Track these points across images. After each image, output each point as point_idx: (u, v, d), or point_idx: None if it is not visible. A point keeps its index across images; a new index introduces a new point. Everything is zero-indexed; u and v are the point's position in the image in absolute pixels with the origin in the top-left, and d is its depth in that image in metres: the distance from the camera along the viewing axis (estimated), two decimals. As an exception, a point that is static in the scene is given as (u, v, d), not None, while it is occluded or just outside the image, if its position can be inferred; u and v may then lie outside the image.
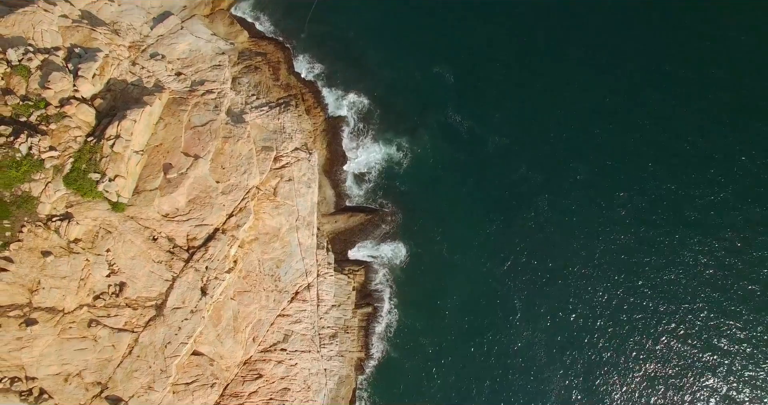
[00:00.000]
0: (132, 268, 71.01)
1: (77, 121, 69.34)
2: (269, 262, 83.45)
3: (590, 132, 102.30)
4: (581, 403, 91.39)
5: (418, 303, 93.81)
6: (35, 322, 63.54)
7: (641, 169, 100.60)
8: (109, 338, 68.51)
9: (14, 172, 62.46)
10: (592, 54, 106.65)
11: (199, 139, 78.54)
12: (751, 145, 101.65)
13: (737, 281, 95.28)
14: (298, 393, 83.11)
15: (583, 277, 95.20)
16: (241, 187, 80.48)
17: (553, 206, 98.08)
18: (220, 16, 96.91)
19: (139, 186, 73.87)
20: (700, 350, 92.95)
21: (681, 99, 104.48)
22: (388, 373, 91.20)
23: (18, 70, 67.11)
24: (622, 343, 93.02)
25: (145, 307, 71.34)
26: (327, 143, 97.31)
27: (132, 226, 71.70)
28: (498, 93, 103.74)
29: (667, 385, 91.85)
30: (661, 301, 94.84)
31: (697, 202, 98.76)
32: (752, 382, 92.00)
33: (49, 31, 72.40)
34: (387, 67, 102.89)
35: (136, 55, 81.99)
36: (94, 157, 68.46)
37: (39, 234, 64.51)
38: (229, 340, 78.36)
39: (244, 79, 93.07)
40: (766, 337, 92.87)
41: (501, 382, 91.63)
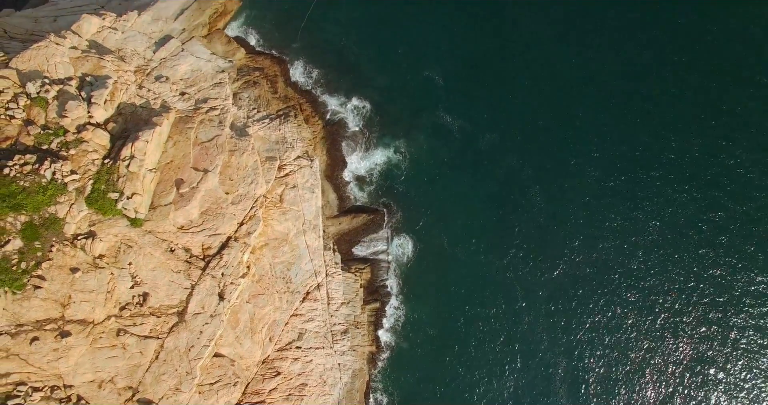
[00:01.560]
0: (153, 279, 73.40)
1: (94, 145, 71.72)
2: (280, 266, 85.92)
3: (576, 124, 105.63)
4: (583, 381, 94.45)
5: (424, 295, 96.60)
6: (69, 334, 65.83)
7: (629, 156, 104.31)
8: (137, 345, 70.84)
9: (41, 197, 64.87)
10: (574, 51, 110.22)
11: (207, 154, 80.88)
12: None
13: (737, 269, 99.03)
14: (315, 387, 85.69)
15: (580, 262, 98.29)
16: (249, 197, 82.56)
17: (546, 196, 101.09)
18: (217, 35, 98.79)
19: (155, 202, 76.10)
20: (697, 329, 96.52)
21: (666, 93, 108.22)
22: (399, 364, 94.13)
23: (37, 101, 69.54)
24: (621, 324, 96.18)
25: (167, 314, 73.79)
26: (326, 150, 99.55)
27: (150, 239, 74.09)
28: (485, 92, 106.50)
29: (666, 365, 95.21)
30: (657, 281, 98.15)
31: (690, 191, 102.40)
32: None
33: (61, 63, 74.67)
34: (379, 73, 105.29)
35: (141, 78, 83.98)
36: (111, 177, 70.87)
37: (67, 252, 66.86)
38: (248, 341, 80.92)
39: (245, 94, 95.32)
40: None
41: (507, 366, 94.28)
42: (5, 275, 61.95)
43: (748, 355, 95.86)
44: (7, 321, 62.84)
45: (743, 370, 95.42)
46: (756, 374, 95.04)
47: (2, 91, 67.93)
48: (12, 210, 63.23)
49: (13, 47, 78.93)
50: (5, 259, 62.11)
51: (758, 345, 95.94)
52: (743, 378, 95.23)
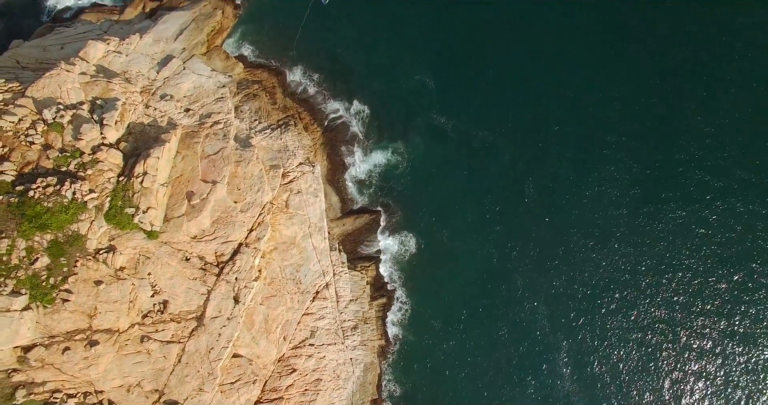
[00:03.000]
0: (172, 287, 76.35)
1: (109, 165, 74.64)
2: (289, 268, 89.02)
3: (564, 118, 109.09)
4: (586, 362, 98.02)
5: (428, 289, 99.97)
6: (97, 343, 68.86)
7: (618, 146, 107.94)
8: (160, 350, 73.83)
9: (64, 216, 67.84)
10: (560, 49, 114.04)
11: (214, 166, 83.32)
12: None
13: (734, 248, 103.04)
14: (329, 382, 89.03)
15: (576, 249, 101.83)
16: (256, 204, 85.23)
17: (539, 188, 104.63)
18: (216, 52, 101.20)
19: (168, 214, 78.88)
20: (696, 306, 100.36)
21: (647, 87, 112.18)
22: (408, 356, 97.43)
23: (53, 127, 72.57)
24: (621, 307, 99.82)
25: (187, 319, 76.77)
26: (327, 155, 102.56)
27: (167, 250, 77.00)
28: (475, 93, 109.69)
29: (665, 346, 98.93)
30: (653, 263, 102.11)
31: (684, 177, 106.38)
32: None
33: (73, 89, 77.43)
34: (373, 79, 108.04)
35: (147, 98, 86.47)
36: (127, 194, 73.83)
37: (90, 266, 69.85)
38: (263, 341, 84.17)
39: (245, 107, 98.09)
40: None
41: (512, 351, 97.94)
42: (36, 291, 65.25)
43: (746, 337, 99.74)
44: (40, 333, 66.06)
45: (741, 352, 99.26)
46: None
47: (21, 119, 71.05)
48: (38, 230, 66.35)
49: (26, 76, 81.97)
50: (35, 275, 65.46)
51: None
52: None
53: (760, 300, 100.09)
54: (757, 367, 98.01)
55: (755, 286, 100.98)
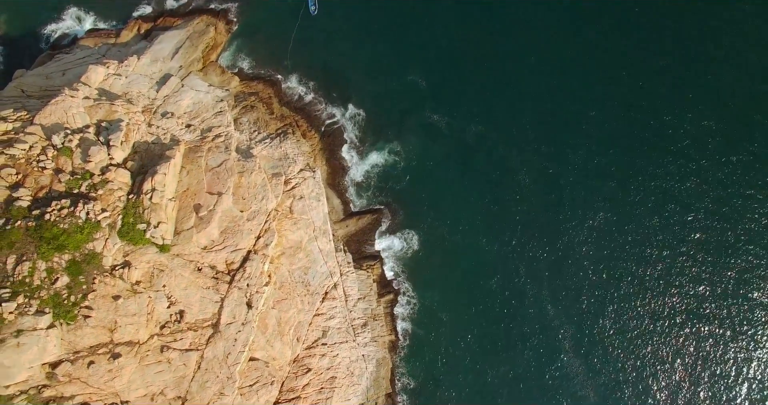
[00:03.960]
0: (186, 297, 78.55)
1: (118, 184, 76.78)
2: (298, 271, 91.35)
3: (552, 109, 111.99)
4: (590, 343, 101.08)
5: (432, 283, 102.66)
6: (119, 355, 71.01)
7: (605, 135, 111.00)
8: (180, 358, 76.05)
9: (80, 236, 70.07)
10: (545, 45, 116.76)
11: (219, 178, 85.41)
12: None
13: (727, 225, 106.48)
14: (344, 379, 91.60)
15: (575, 235, 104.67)
16: (262, 212, 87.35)
17: (534, 177, 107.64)
18: (212, 67, 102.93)
19: (178, 227, 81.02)
20: (691, 287, 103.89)
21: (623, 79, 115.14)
22: (418, 348, 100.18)
23: (63, 151, 74.82)
24: (622, 289, 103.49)
25: (203, 327, 79.00)
26: (326, 159, 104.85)
27: (179, 262, 79.17)
28: (465, 89, 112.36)
29: (669, 325, 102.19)
30: (638, 243, 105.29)
31: (667, 167, 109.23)
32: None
33: (78, 113, 79.49)
34: (366, 82, 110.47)
35: (149, 117, 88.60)
36: (137, 210, 76.09)
37: (108, 282, 72.00)
38: (278, 343, 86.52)
39: (244, 119, 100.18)
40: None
41: (517, 337, 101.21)
42: (59, 309, 67.75)
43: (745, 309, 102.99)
44: (66, 349, 68.48)
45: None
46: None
47: (32, 146, 73.40)
48: (57, 251, 68.73)
49: (32, 105, 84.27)
50: (57, 294, 67.98)
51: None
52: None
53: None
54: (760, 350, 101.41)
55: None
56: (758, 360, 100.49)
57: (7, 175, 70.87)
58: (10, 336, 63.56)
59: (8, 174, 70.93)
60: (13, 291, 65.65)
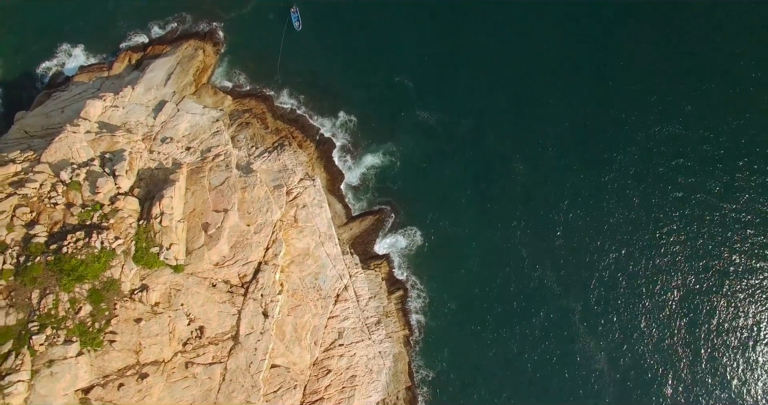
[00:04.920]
0: (205, 313, 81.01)
1: (128, 211, 79.30)
2: (308, 277, 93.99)
3: (537, 99, 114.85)
4: (600, 318, 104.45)
5: (440, 275, 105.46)
6: (147, 375, 73.74)
7: (588, 120, 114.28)
8: (205, 372, 78.65)
9: (97, 265, 72.66)
10: (525, 39, 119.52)
11: (223, 196, 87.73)
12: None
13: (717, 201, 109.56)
14: (363, 377, 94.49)
15: (572, 215, 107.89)
16: (268, 224, 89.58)
17: (527, 163, 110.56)
18: (205, 89, 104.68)
19: (189, 247, 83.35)
20: (692, 263, 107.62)
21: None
22: (432, 340, 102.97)
23: (72, 186, 77.44)
24: (624, 262, 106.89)
25: (223, 340, 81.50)
26: (324, 167, 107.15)
27: (194, 280, 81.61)
28: (452, 85, 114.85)
29: (672, 301, 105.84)
30: (628, 218, 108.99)
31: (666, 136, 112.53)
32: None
33: (82, 148, 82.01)
34: (355, 88, 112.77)
35: (150, 144, 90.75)
36: (149, 235, 78.66)
37: (128, 307, 74.69)
38: (297, 348, 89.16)
39: (241, 136, 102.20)
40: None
41: (527, 319, 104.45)
42: (85, 337, 70.68)
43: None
44: (96, 375, 71.35)
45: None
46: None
47: (42, 184, 76.05)
48: (77, 281, 71.61)
49: (37, 144, 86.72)
50: (82, 323, 70.91)
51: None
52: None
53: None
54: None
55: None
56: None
57: (22, 214, 73.55)
58: (44, 366, 66.54)
59: (23, 213, 73.64)
60: (41, 324, 68.53)
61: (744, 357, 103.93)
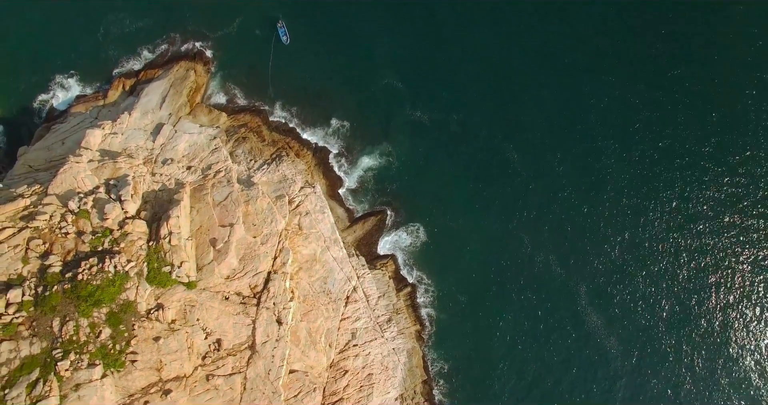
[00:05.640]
0: (220, 326, 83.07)
1: (137, 234, 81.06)
2: (318, 282, 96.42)
3: (523, 90, 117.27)
4: (605, 298, 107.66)
5: (445, 268, 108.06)
6: (170, 391, 75.88)
7: (572, 107, 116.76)
8: (226, 383, 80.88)
9: (113, 288, 74.58)
10: (507, 35, 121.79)
11: (227, 211, 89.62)
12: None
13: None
14: (380, 374, 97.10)
15: (569, 199, 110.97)
16: (273, 234, 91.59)
17: (521, 152, 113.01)
18: (199, 109, 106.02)
19: (199, 263, 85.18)
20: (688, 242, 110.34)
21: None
22: (444, 333, 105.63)
23: (80, 214, 79.25)
24: (624, 242, 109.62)
25: (241, 351, 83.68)
26: (322, 173, 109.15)
27: (207, 295, 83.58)
28: (440, 83, 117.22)
29: (672, 280, 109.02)
30: (627, 198, 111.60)
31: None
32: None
33: (86, 177, 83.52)
34: (346, 94, 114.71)
35: (152, 167, 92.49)
36: (159, 255, 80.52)
37: (146, 326, 76.64)
38: (312, 352, 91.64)
39: (239, 151, 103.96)
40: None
41: (535, 305, 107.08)
42: (108, 359, 72.94)
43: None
44: (121, 394, 73.51)
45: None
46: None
47: (51, 215, 78.05)
48: (95, 306, 73.69)
49: (42, 177, 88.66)
50: (103, 346, 73.11)
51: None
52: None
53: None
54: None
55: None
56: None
57: (36, 246, 75.46)
58: (71, 391, 68.79)
59: (36, 245, 75.54)
60: (64, 350, 70.68)
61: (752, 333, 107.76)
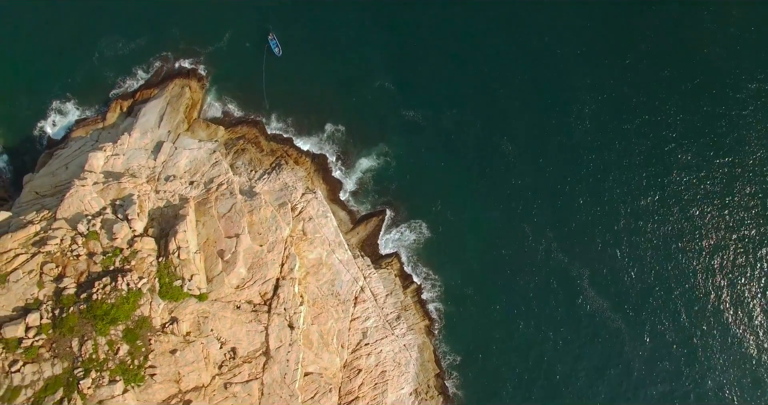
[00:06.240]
0: (234, 335, 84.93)
1: (146, 251, 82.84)
2: (326, 285, 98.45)
3: (511, 82, 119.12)
4: (604, 281, 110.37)
5: (450, 262, 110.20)
6: (190, 401, 78.04)
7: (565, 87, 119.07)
8: (243, 390, 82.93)
9: (127, 306, 76.58)
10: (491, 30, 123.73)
11: (232, 222, 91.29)
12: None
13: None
14: (393, 371, 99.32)
15: (566, 185, 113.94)
16: (279, 241, 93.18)
17: (515, 143, 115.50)
18: (197, 124, 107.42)
19: (209, 275, 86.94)
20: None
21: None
22: (453, 326, 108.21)
23: (90, 236, 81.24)
24: (623, 226, 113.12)
25: (256, 357, 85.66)
26: (322, 179, 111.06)
27: (219, 305, 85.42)
28: (431, 81, 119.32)
29: (672, 248, 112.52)
30: (622, 181, 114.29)
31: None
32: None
33: (93, 199, 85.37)
34: (340, 99, 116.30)
35: (155, 184, 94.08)
36: (170, 270, 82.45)
37: (162, 340, 78.58)
38: (325, 354, 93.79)
39: (239, 162, 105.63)
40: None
41: (540, 291, 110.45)
42: (127, 374, 75.14)
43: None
44: None
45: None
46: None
47: (62, 239, 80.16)
48: (111, 324, 75.78)
49: (49, 203, 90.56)
50: (122, 362, 75.34)
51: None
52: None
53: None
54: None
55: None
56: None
57: (49, 270, 77.60)
58: (95, 408, 71.07)
59: (50, 269, 77.67)
60: (85, 368, 73.06)
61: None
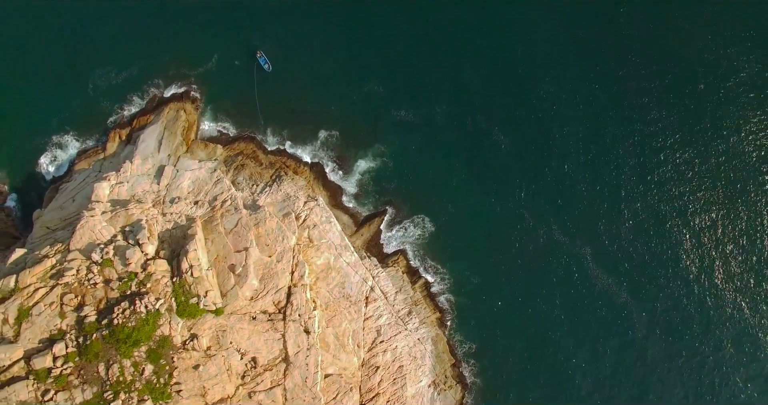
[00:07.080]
0: (253, 345, 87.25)
1: (160, 273, 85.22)
2: (336, 288, 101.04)
3: (501, 76, 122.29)
4: (608, 262, 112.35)
5: (455, 254, 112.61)
6: None
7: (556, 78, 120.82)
8: (267, 397, 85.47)
9: (147, 327, 79.21)
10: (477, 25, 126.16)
11: (240, 236, 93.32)
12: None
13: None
14: (410, 365, 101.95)
15: (563, 172, 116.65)
16: (287, 250, 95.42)
17: (507, 134, 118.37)
18: (195, 145, 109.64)
19: (223, 290, 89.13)
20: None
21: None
22: (464, 315, 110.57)
23: (105, 264, 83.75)
24: (622, 208, 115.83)
25: (276, 364, 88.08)
26: (322, 185, 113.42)
27: (235, 318, 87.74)
28: (419, 80, 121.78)
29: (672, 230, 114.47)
30: (617, 162, 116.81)
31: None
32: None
33: (103, 228, 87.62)
34: (331, 106, 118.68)
35: (161, 208, 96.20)
36: (185, 288, 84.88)
37: (184, 357, 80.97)
38: (343, 355, 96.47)
39: (240, 178, 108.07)
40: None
41: (545, 275, 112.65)
42: (155, 393, 77.95)
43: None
44: None
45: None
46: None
47: (78, 269, 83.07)
48: (134, 346, 78.68)
49: (61, 236, 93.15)
50: (149, 382, 78.18)
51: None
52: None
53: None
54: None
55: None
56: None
57: (69, 300, 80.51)
58: (127, 427, 74.10)
59: (70, 299, 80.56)
60: (114, 391, 76.15)
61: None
